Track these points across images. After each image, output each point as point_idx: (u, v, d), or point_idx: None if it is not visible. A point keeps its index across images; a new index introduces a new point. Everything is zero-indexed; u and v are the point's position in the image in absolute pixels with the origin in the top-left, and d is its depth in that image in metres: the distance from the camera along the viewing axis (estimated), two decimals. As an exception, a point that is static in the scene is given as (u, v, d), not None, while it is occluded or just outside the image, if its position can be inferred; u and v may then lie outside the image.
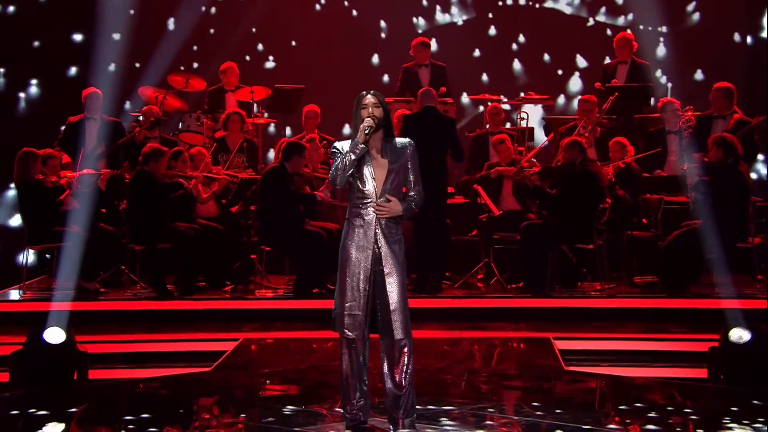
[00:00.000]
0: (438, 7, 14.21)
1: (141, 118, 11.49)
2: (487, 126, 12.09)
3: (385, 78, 13.93)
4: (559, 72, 13.93)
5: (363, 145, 5.55)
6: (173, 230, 9.98)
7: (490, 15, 14.18)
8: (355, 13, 14.30)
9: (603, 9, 14.03)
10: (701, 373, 7.20)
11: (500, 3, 14.18)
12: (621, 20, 13.85)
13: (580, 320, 9.34)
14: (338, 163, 5.58)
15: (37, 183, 10.07)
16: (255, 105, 12.15)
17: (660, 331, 8.88)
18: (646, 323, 9.20)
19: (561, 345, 8.23)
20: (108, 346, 8.39)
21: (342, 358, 5.63)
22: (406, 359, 5.59)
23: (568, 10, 14.08)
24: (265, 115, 12.42)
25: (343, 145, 5.65)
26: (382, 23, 14.29)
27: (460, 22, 14.14)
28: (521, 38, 14.25)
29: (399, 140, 5.71)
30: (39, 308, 9.13)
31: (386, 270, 5.59)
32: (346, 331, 5.60)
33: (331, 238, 9.82)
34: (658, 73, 13.26)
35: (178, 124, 12.03)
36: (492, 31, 14.21)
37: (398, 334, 5.57)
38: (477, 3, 14.25)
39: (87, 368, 7.21)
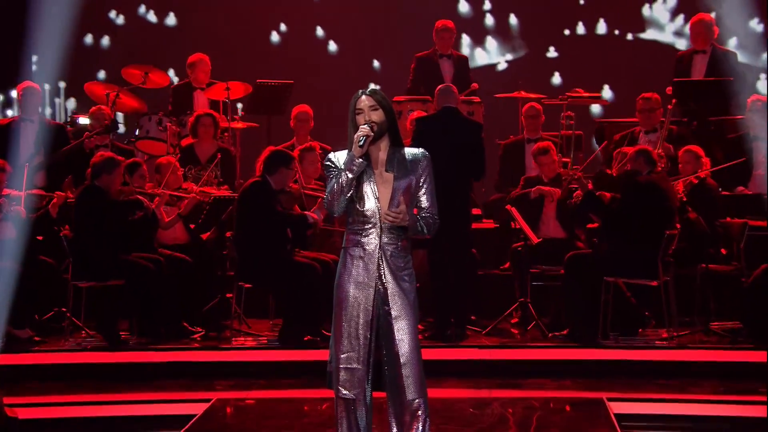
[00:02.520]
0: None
1: (89, 121, 11.55)
2: (523, 131, 12.11)
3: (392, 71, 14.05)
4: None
5: (360, 160, 5.57)
6: (128, 262, 10.00)
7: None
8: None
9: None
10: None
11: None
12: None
13: (642, 377, 9.32)
14: (333, 185, 5.62)
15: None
16: (232, 105, 12.20)
17: (744, 392, 8.84)
18: (725, 382, 9.17)
19: (617, 408, 8.19)
20: (44, 410, 8.37)
21: (338, 423, 5.64)
22: (420, 425, 5.59)
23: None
24: (244, 117, 12.49)
25: (339, 157, 5.67)
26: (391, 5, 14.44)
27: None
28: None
29: (410, 150, 5.73)
30: (-44, 362, 9.17)
31: (394, 312, 5.61)
32: (342, 389, 5.61)
33: (326, 271, 9.83)
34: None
35: (134, 129, 12.09)
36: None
37: (410, 393, 5.58)
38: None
39: (18, 438, 7.22)
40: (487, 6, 15.13)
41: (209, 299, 10.57)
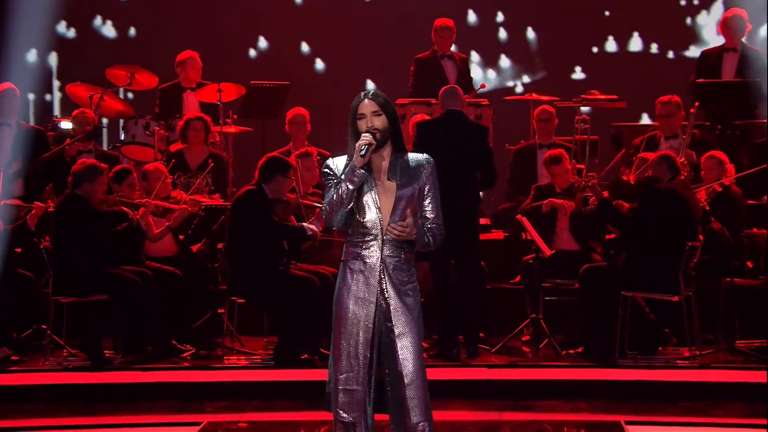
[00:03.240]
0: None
1: (71, 125, 11.55)
2: (535, 136, 12.11)
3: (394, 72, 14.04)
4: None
5: (362, 170, 5.57)
6: (113, 276, 9.99)
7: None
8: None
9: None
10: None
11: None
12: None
13: (662, 399, 9.31)
14: (332, 195, 5.62)
15: None
16: (224, 108, 12.21)
17: (771, 415, 8.84)
18: (752, 404, 9.12)
19: (636, 432, 8.21)
20: (23, 434, 8.39)
21: (337, 448, 5.64)
22: (425, 450, 5.59)
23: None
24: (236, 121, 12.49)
25: (338, 164, 5.67)
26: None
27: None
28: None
29: (414, 156, 5.74)
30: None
31: (397, 330, 5.61)
32: (341, 411, 5.61)
33: (325, 285, 9.82)
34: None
35: (119, 134, 12.09)
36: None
37: (415, 416, 5.58)
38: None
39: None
40: (500, 17, 14.90)
41: (200, 315, 10.54)
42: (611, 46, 14.76)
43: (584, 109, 12.39)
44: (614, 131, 12.55)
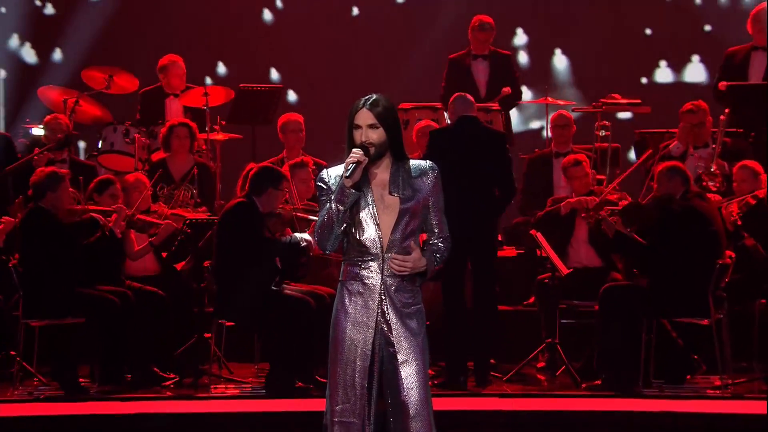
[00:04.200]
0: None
1: (43, 132, 11.54)
2: (551, 144, 12.10)
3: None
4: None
5: (352, 190, 5.54)
6: (89, 297, 9.97)
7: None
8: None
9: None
10: None
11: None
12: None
13: (691, 432, 9.28)
14: (323, 216, 5.62)
15: None
16: (211, 113, 12.19)
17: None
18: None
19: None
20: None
21: (334, 487, 5.63)
22: (431, 488, 5.59)
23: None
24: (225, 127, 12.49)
25: (333, 175, 5.65)
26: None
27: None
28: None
29: (416, 164, 5.73)
30: None
31: (400, 357, 5.61)
32: (337, 445, 5.60)
33: (321, 307, 9.80)
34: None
35: (96, 142, 12.08)
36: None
37: (420, 451, 5.55)
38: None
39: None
40: (521, 38, 14.77)
41: (184, 340, 10.52)
42: (664, 74, 14.47)
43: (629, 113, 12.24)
44: (638, 138, 12.52)
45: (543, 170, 11.92)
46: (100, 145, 12.00)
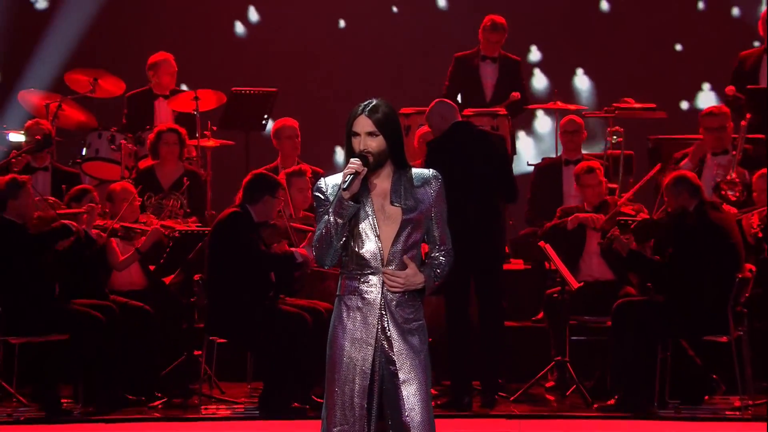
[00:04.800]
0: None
1: (24, 138, 11.54)
2: (560, 151, 12.11)
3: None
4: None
5: (350, 202, 5.56)
6: (72, 312, 9.95)
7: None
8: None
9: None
10: None
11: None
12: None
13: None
14: (321, 230, 5.61)
15: None
16: (202, 118, 12.20)
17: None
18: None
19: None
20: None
21: None
22: None
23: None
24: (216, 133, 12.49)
25: (331, 184, 5.66)
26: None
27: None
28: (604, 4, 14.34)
29: (419, 173, 5.74)
30: None
31: (401, 375, 5.61)
32: (334, 469, 5.61)
33: (318, 323, 9.82)
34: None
35: (80, 148, 12.08)
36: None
37: (423, 474, 5.59)
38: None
39: None
40: (536, 55, 14.75)
41: (173, 358, 10.53)
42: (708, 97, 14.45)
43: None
44: (652, 145, 12.52)
45: (552, 179, 11.92)
46: (84, 152, 11.99)
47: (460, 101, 12.33)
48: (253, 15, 14.97)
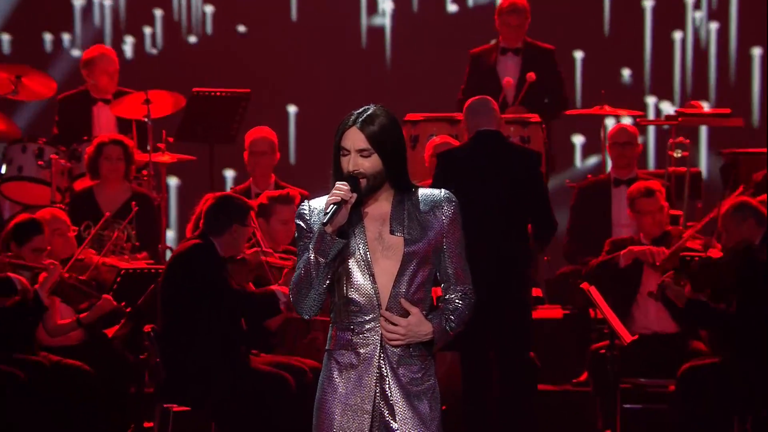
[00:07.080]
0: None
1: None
2: (609, 168, 12.12)
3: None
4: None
5: (335, 237, 5.57)
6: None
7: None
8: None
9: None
10: None
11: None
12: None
13: None
14: (300, 270, 5.62)
15: None
16: (155, 127, 12.23)
17: None
18: None
19: None
20: None
21: None
22: None
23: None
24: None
25: (314, 208, 5.69)
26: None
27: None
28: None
29: (427, 194, 5.75)
30: None
31: (406, 452, 5.60)
32: None
33: (301, 385, 9.87)
34: None
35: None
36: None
37: None
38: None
39: None
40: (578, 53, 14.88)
41: (117, 430, 10.52)
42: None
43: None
44: (726, 161, 12.54)
45: (598, 203, 11.93)
46: (3, 170, 11.99)
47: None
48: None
